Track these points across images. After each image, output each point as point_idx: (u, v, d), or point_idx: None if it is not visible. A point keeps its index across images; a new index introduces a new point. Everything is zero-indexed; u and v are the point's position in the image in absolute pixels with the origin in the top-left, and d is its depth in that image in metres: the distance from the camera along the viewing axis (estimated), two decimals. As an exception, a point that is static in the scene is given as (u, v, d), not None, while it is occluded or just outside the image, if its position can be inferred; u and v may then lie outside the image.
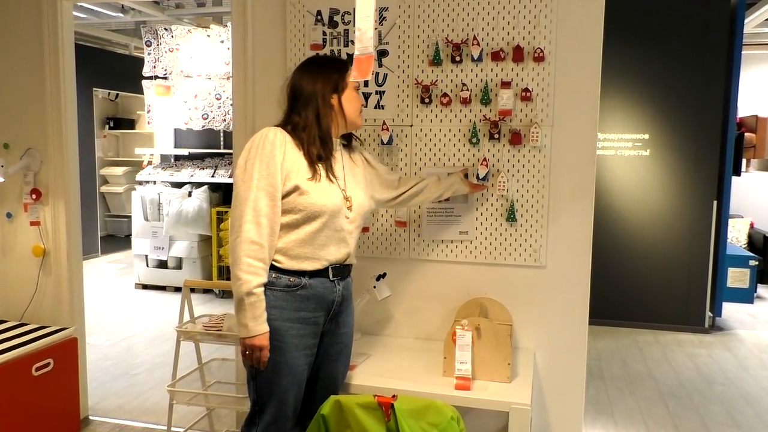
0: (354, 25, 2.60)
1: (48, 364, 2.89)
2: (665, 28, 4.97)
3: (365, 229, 2.69)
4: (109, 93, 9.09)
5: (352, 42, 2.65)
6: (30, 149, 3.14)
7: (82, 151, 7.69)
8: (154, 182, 6.31)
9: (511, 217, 2.53)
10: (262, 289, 1.82)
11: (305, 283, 1.90)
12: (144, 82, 6.15)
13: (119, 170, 8.96)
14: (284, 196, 1.85)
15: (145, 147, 7.74)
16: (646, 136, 5.08)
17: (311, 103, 1.91)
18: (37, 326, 3.08)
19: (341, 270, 2.00)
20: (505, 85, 2.48)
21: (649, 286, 5.16)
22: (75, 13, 6.69)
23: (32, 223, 3.12)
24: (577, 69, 2.46)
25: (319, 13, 2.67)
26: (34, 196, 3.11)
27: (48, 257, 3.17)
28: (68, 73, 3.11)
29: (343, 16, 2.65)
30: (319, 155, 1.90)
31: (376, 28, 2.62)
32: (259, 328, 1.81)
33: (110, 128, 9.25)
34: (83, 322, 3.27)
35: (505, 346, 2.21)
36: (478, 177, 2.54)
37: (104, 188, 9.03)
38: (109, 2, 5.17)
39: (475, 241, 2.60)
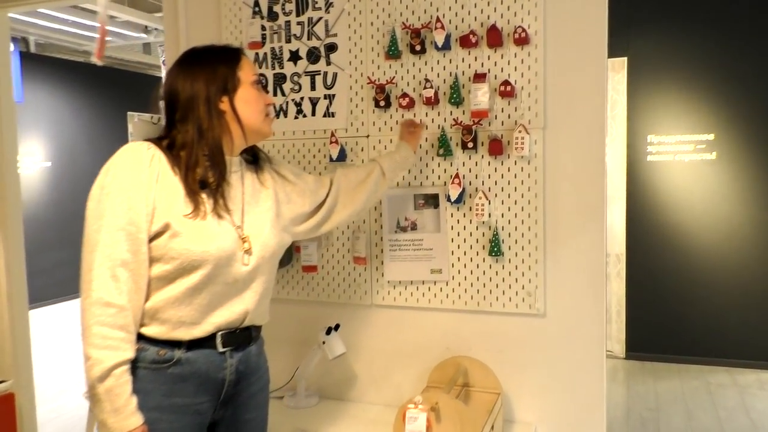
0: (296, 15, 2.11)
1: (-26, 427, 2.52)
2: (732, 8, 4.17)
3: (312, 268, 2.15)
4: (152, 117, 9.02)
5: (296, 36, 2.14)
6: (-31, 181, 2.81)
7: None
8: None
9: (495, 250, 1.92)
10: (126, 368, 1.30)
11: (180, 358, 1.38)
12: (162, 103, 5.89)
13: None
14: (152, 239, 1.33)
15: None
16: (711, 137, 4.28)
17: (192, 110, 1.39)
18: (-22, 380, 2.73)
19: (236, 337, 1.46)
20: (479, 78, 1.89)
21: (724, 315, 4.32)
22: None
23: (-30, 264, 2.78)
24: (574, 51, 1.84)
25: (256, 3, 2.18)
26: (-27, 234, 2.78)
27: (-9, 301, 2.82)
28: (4, 94, 2.77)
29: (283, 5, 2.14)
30: (202, 182, 1.38)
31: (321, 18, 2.10)
32: (124, 424, 1.28)
33: (154, 152, 9.18)
34: (30, 375, 2.90)
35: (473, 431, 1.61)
36: (449, 199, 1.95)
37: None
38: (53, 7, 4.92)
39: (452, 282, 2.01)
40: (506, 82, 1.86)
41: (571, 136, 1.86)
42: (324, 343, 2.04)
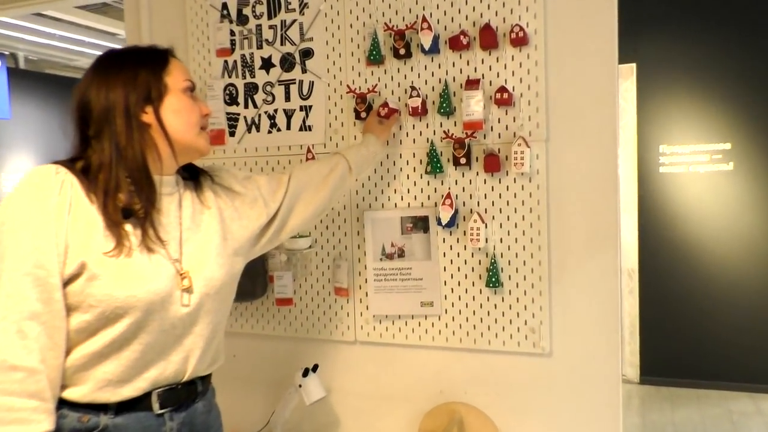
0: (268, 17, 1.89)
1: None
2: (747, 8, 3.93)
3: (287, 301, 1.91)
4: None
5: (268, 41, 1.92)
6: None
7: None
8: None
9: (493, 280, 1.68)
10: None
11: (107, 425, 1.13)
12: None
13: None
14: (66, 284, 1.10)
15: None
16: (728, 146, 4.02)
17: (107, 124, 1.15)
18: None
19: (177, 394, 1.21)
20: (472, 84, 1.66)
21: (746, 335, 4.04)
22: (88, 51, 6.41)
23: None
24: (580, 52, 1.61)
25: (224, 6, 1.96)
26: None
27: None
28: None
29: (254, 7, 1.92)
30: (126, 210, 1.14)
31: (295, 20, 1.88)
32: None
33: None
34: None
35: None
36: (440, 223, 1.72)
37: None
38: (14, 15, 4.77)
39: (445, 317, 1.77)
40: (503, 89, 1.63)
41: (578, 149, 1.62)
42: (300, 386, 1.80)
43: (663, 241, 4.22)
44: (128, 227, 1.12)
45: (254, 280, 1.90)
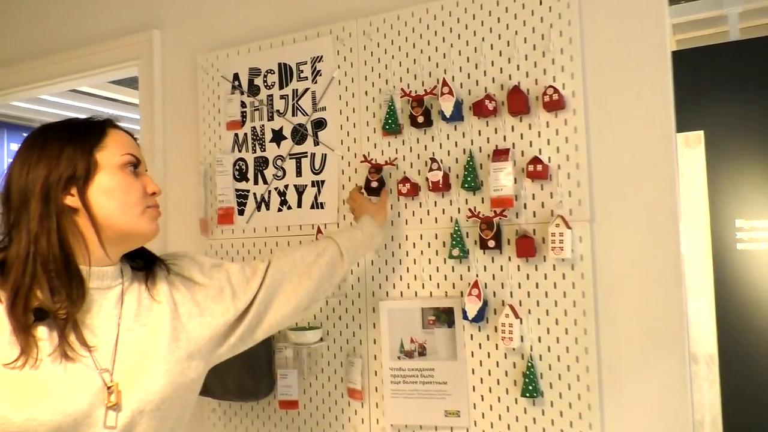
0: (279, 87, 1.74)
1: None
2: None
3: (292, 404, 1.66)
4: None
5: (279, 112, 1.76)
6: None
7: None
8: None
9: (530, 389, 1.38)
10: None
11: None
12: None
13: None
14: None
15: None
16: (816, 219, 3.57)
17: (24, 209, 0.97)
18: None
19: None
20: (501, 154, 1.43)
21: None
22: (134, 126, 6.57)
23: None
24: (628, 116, 1.36)
25: (236, 77, 1.83)
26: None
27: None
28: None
29: (265, 76, 1.78)
30: (40, 312, 0.94)
31: (307, 89, 1.72)
32: None
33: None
34: None
35: None
36: (466, 317, 1.45)
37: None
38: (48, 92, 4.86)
39: (474, 429, 1.47)
40: (537, 160, 1.39)
41: (631, 230, 1.34)
42: None
43: (745, 324, 3.73)
44: (41, 331, 0.92)
45: (258, 379, 1.67)
